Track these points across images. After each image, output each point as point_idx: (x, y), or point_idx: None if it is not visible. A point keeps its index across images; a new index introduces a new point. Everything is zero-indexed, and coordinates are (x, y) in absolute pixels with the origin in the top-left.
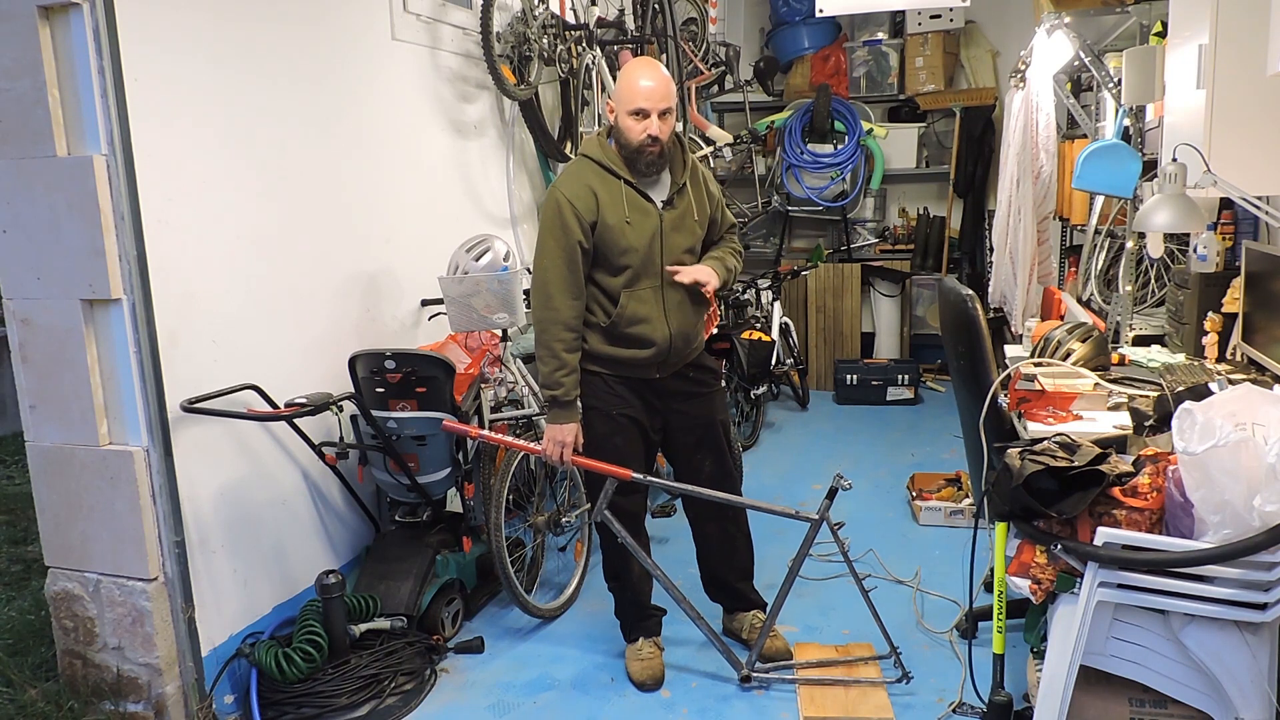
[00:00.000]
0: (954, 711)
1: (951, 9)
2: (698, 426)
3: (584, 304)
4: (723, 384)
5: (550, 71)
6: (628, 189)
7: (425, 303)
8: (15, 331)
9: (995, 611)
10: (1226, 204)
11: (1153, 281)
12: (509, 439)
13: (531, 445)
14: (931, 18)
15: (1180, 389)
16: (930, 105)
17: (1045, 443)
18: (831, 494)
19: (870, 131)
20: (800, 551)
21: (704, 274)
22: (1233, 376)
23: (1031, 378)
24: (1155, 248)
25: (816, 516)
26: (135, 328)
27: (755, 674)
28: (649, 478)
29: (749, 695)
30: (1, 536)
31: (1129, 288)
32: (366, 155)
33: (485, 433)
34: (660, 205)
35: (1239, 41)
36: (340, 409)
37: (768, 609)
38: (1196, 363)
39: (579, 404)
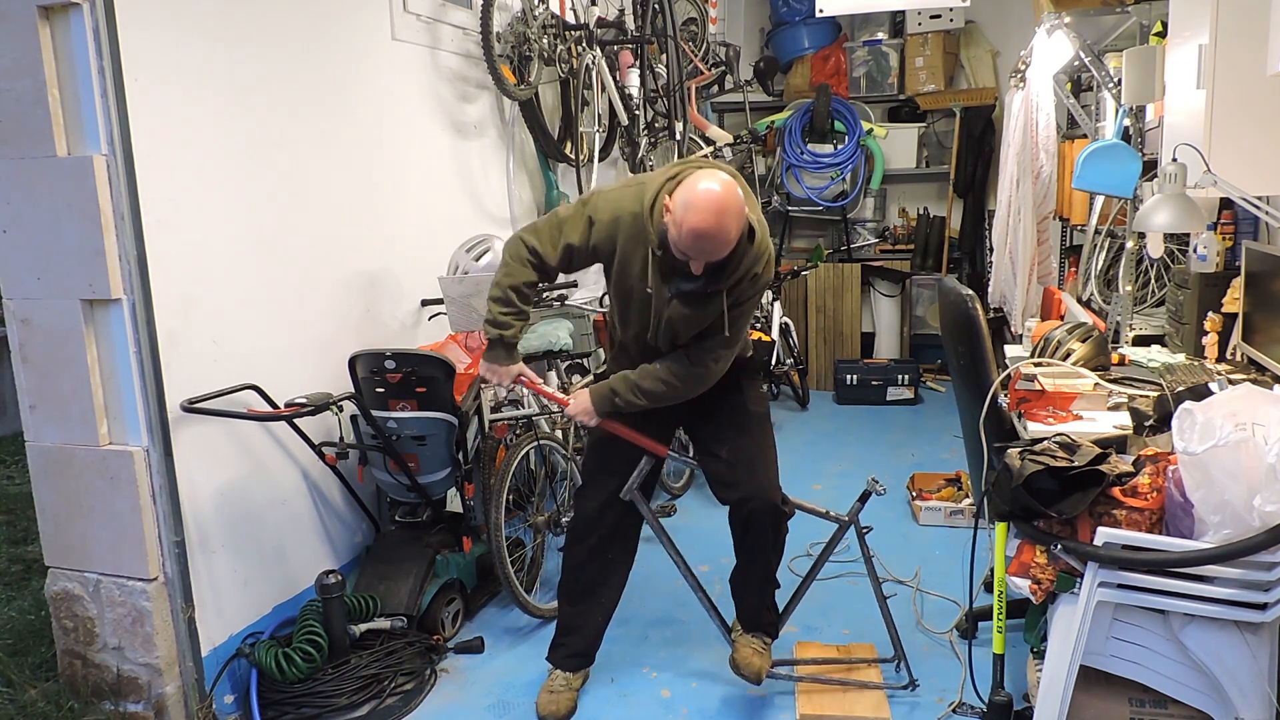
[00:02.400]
0: (954, 711)
1: (951, 9)
2: (717, 413)
3: (547, 279)
4: (757, 376)
5: (550, 71)
6: (653, 259)
7: (425, 303)
8: (15, 331)
9: (995, 612)
10: (1226, 204)
11: (1153, 281)
12: (545, 389)
13: (559, 395)
14: (931, 18)
15: (1180, 389)
16: (930, 105)
17: (1045, 443)
18: (864, 497)
19: (870, 131)
20: (824, 552)
21: (574, 409)
22: (1233, 376)
23: (1031, 378)
24: (1155, 248)
25: (847, 518)
26: (135, 328)
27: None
28: (672, 453)
29: (748, 695)
30: (1, 536)
31: (1129, 288)
32: (366, 155)
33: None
34: (671, 292)
35: (1239, 41)
36: (340, 409)
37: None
38: (1196, 363)
39: (519, 349)
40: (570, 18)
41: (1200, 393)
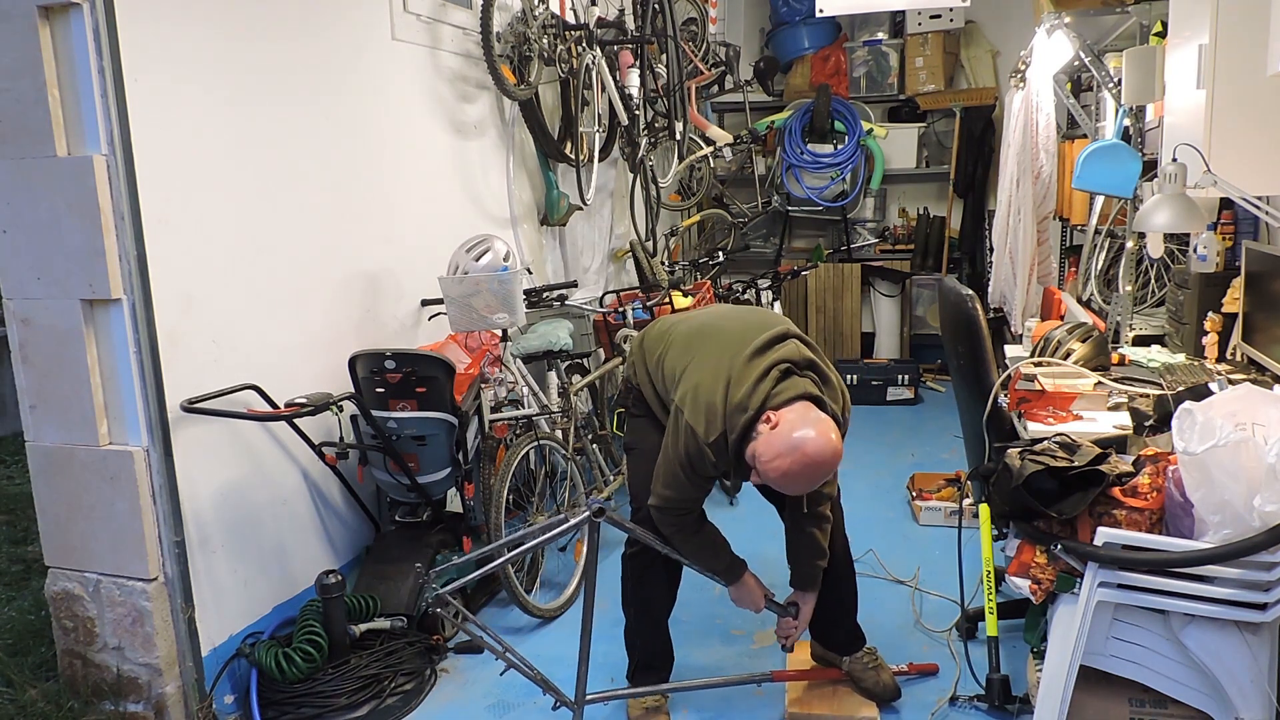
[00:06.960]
0: (950, 702)
1: (951, 9)
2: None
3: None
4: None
5: (550, 71)
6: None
7: (425, 303)
8: (15, 331)
9: (986, 591)
10: (1226, 204)
11: (1153, 281)
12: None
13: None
14: (931, 18)
15: (1180, 389)
16: (930, 105)
17: (1045, 443)
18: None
19: (870, 131)
20: None
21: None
22: (1233, 376)
23: (1031, 378)
24: (1155, 248)
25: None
26: (135, 328)
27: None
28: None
29: (749, 697)
30: (1, 536)
31: (1129, 288)
32: (366, 155)
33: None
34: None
35: (1239, 41)
36: (340, 409)
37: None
38: (1196, 363)
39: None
40: (570, 18)
41: (1200, 393)
